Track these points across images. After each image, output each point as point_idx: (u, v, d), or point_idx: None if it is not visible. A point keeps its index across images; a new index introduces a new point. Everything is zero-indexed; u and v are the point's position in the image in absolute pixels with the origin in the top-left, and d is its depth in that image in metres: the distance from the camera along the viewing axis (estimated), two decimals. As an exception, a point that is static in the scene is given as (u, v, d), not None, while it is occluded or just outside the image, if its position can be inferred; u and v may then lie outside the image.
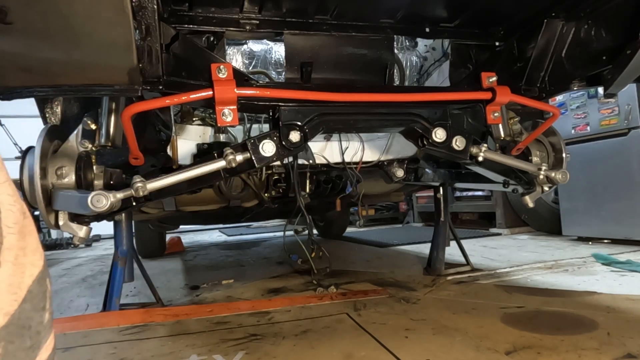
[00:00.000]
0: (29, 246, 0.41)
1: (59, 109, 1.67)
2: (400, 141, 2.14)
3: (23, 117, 5.31)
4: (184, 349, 1.46)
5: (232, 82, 1.29)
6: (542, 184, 1.80)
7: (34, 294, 0.41)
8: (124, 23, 0.96)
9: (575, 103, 3.63)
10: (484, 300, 1.90)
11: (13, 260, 0.38)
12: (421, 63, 2.48)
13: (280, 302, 2.03)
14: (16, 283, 0.39)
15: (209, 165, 1.35)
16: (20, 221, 0.39)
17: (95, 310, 2.12)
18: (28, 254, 0.40)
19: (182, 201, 2.35)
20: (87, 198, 1.22)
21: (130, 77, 1.08)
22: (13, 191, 0.39)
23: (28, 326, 0.40)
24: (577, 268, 2.53)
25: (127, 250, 2.09)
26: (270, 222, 7.11)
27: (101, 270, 3.71)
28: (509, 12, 1.64)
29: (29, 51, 0.97)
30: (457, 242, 2.69)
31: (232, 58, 2.21)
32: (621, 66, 1.41)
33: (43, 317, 0.42)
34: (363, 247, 4.25)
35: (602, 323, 1.48)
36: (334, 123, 1.50)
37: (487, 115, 1.60)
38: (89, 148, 1.45)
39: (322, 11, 1.49)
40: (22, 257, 0.40)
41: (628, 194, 3.22)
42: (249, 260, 3.82)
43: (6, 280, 0.38)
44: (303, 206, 2.01)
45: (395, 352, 1.32)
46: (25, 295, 0.40)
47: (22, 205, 0.41)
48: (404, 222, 6.82)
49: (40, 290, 0.42)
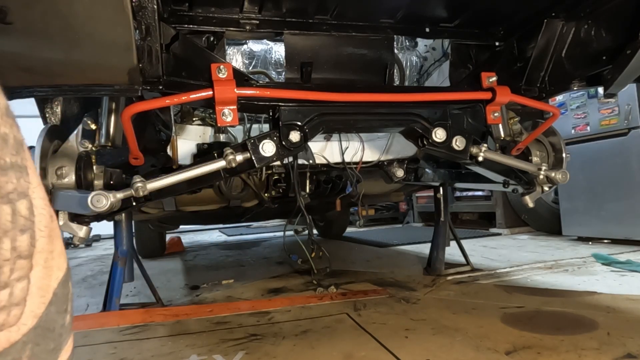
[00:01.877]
0: (56, 249, 0.41)
1: (59, 109, 1.67)
2: (400, 141, 2.14)
3: (23, 117, 5.29)
4: (184, 349, 1.46)
5: (232, 82, 1.29)
6: (542, 184, 1.80)
7: (59, 297, 0.41)
8: (124, 23, 0.96)
9: (575, 103, 3.63)
10: (484, 300, 1.90)
11: (43, 264, 0.39)
12: (421, 63, 2.48)
13: (280, 302, 2.03)
14: (45, 286, 0.39)
15: (209, 165, 1.35)
16: (49, 224, 0.40)
17: (95, 310, 2.12)
18: (55, 257, 0.41)
19: (182, 201, 2.35)
20: (87, 198, 1.22)
21: (130, 77, 1.08)
22: (44, 194, 0.40)
23: (52, 328, 0.40)
24: (577, 268, 2.53)
25: (127, 250, 2.09)
26: (270, 222, 7.11)
27: (101, 270, 3.71)
28: (509, 12, 1.64)
29: (29, 51, 0.97)
30: (457, 242, 2.69)
31: (232, 58, 2.21)
32: (621, 66, 1.41)
33: (65, 319, 0.43)
34: (363, 247, 4.25)
35: (602, 323, 1.48)
36: (334, 123, 1.50)
37: (487, 115, 1.60)
38: (89, 148, 1.45)
39: (322, 11, 1.49)
40: (50, 260, 0.40)
41: (628, 194, 3.22)
42: (249, 260, 3.82)
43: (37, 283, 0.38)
44: (303, 206, 2.01)
45: (395, 352, 1.32)
46: (51, 298, 0.40)
47: (51, 209, 0.41)
48: (404, 222, 6.82)
49: (64, 292, 0.42)
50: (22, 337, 0.36)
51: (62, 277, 0.42)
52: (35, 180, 0.39)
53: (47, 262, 0.39)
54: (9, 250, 0.34)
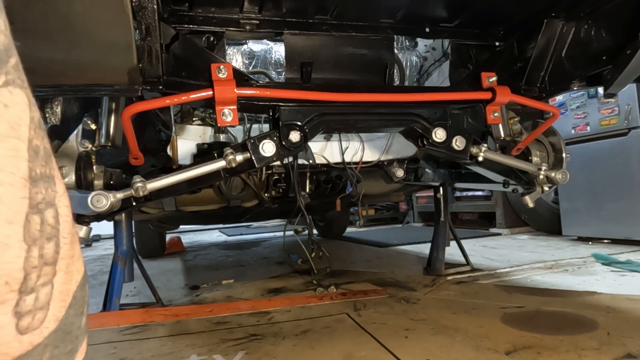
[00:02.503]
0: (75, 254, 0.43)
1: (59, 109, 1.67)
2: (400, 141, 2.14)
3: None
4: (184, 349, 1.46)
5: (232, 82, 1.29)
6: (542, 184, 1.80)
7: (77, 300, 0.43)
8: (124, 23, 0.96)
9: (575, 103, 3.63)
10: (484, 300, 1.90)
11: (65, 269, 0.40)
12: (421, 63, 2.48)
13: (280, 302, 2.03)
14: (66, 290, 0.41)
15: (209, 165, 1.35)
16: (71, 230, 0.41)
17: (95, 310, 2.12)
18: (75, 262, 0.42)
19: (182, 201, 2.35)
20: (87, 198, 1.22)
21: (130, 77, 1.08)
22: (68, 202, 0.41)
23: (70, 331, 0.42)
24: (577, 268, 2.53)
25: (127, 250, 2.09)
26: (270, 222, 7.11)
27: (101, 270, 3.71)
28: (509, 12, 1.64)
29: (29, 51, 0.97)
30: (457, 242, 2.69)
31: (232, 58, 2.21)
32: (621, 66, 1.41)
33: (81, 322, 0.44)
34: (363, 247, 4.25)
35: (602, 323, 1.48)
36: (334, 123, 1.50)
37: (487, 115, 1.60)
38: (89, 148, 1.45)
39: (322, 11, 1.49)
40: (71, 265, 0.41)
41: (628, 194, 3.22)
42: (249, 260, 3.82)
43: (59, 287, 0.40)
44: (303, 206, 2.01)
45: (395, 352, 1.32)
46: (70, 301, 0.42)
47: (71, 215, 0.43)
48: (404, 222, 6.81)
49: (82, 295, 0.44)
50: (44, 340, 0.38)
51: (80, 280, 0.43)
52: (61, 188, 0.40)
53: (68, 267, 0.41)
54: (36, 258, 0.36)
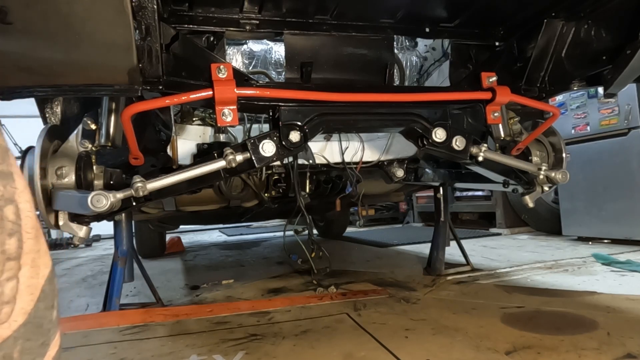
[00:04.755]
0: (41, 248, 0.44)
1: (59, 109, 1.67)
2: (400, 141, 2.14)
3: (23, 117, 5.30)
4: (184, 349, 1.46)
5: (232, 82, 1.29)
6: (542, 184, 1.80)
7: (46, 293, 0.44)
8: (124, 23, 0.96)
9: (575, 103, 3.63)
10: (484, 300, 1.90)
11: (30, 263, 0.41)
12: (421, 63, 2.48)
13: (280, 302, 2.03)
14: (33, 284, 0.42)
15: (209, 165, 1.35)
16: (35, 225, 0.43)
17: (95, 310, 2.12)
18: (41, 256, 0.43)
19: (182, 201, 2.35)
20: (87, 198, 1.22)
21: (130, 77, 1.08)
22: (30, 198, 0.43)
23: (41, 324, 0.43)
24: (577, 268, 2.53)
25: (127, 250, 2.09)
26: (270, 222, 7.11)
27: (101, 270, 3.71)
28: (509, 12, 1.64)
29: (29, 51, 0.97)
30: (457, 242, 2.69)
31: (232, 58, 2.21)
32: (621, 66, 1.41)
33: (52, 315, 0.45)
34: (363, 247, 4.25)
35: (602, 323, 1.48)
36: (334, 123, 1.50)
37: (487, 115, 1.60)
38: (89, 148, 1.45)
39: (322, 11, 1.49)
40: (37, 259, 0.43)
41: (628, 194, 3.22)
42: (249, 260, 3.82)
43: (26, 281, 0.41)
44: (303, 206, 2.01)
45: (395, 352, 1.32)
46: (39, 295, 0.43)
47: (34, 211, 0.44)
48: (404, 222, 6.81)
49: (51, 289, 0.45)
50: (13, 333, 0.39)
51: (48, 274, 0.44)
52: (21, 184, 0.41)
53: (34, 261, 0.42)
54: None
